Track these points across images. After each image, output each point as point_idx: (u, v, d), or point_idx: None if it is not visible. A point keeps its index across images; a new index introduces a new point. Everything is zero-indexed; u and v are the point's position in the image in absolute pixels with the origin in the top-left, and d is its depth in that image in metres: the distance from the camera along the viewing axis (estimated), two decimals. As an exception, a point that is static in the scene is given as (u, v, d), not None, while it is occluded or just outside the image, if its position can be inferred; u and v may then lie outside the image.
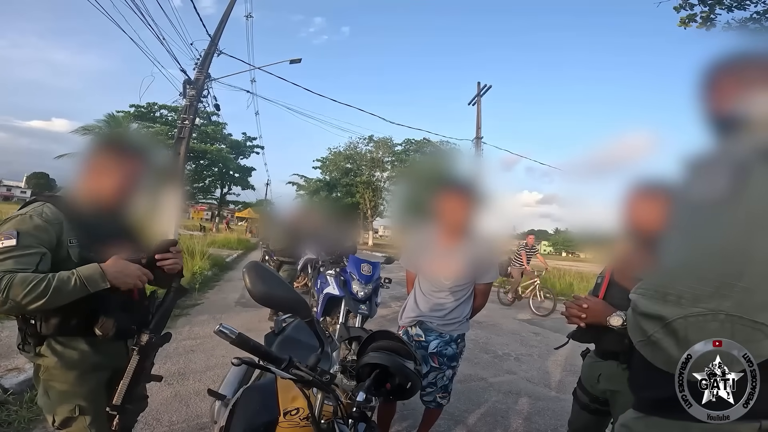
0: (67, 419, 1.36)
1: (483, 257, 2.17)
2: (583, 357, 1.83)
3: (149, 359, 1.40)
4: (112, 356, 1.40)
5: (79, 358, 1.35)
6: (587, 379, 1.75)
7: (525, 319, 7.46)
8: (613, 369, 1.59)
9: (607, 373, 1.62)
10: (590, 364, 1.74)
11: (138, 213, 1.54)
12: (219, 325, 0.96)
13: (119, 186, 1.39)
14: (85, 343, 1.35)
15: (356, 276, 3.77)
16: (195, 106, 10.07)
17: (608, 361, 1.62)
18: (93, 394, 1.37)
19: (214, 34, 10.07)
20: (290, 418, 1.17)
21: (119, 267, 1.28)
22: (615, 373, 1.58)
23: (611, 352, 1.59)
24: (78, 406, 1.35)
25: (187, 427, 2.49)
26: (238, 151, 36.45)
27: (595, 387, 1.69)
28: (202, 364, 3.52)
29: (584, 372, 1.79)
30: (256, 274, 1.05)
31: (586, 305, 1.49)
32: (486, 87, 17.63)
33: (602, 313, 1.44)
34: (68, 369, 1.34)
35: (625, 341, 1.48)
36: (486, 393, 3.54)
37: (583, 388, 1.76)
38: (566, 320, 1.57)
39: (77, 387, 1.36)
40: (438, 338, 2.16)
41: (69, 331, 1.32)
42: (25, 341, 1.33)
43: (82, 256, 1.29)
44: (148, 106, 30.55)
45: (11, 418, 2.36)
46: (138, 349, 1.33)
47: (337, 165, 35.77)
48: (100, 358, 1.38)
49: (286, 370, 1.03)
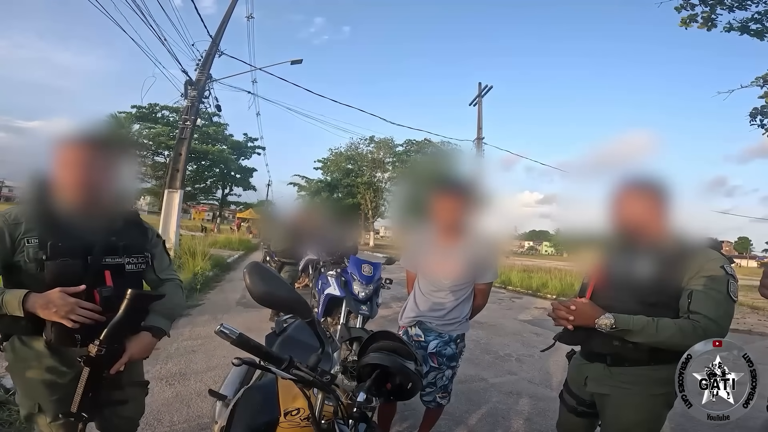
0: (29, 414, 1.40)
1: (483, 257, 2.17)
2: (569, 359, 1.80)
3: (103, 369, 1.32)
4: (71, 361, 1.36)
5: (35, 358, 1.36)
6: (573, 381, 1.73)
7: (526, 319, 7.45)
8: (600, 371, 1.57)
9: (594, 376, 1.60)
10: (577, 366, 1.71)
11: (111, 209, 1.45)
12: (220, 325, 0.97)
13: (79, 181, 1.31)
14: (44, 344, 1.35)
15: (357, 276, 3.78)
16: (196, 106, 10.09)
17: (595, 363, 1.59)
18: (54, 394, 1.37)
19: (216, 35, 10.09)
20: (291, 418, 1.17)
21: (44, 299, 1.24)
22: (602, 375, 1.56)
23: (598, 354, 1.57)
24: (38, 404, 1.37)
25: (188, 428, 2.49)
26: (240, 151, 36.46)
27: (581, 389, 1.66)
28: (204, 364, 3.53)
29: (570, 374, 1.77)
30: (257, 274, 1.06)
31: (573, 307, 1.48)
32: (487, 87, 17.65)
33: (590, 315, 1.43)
34: (26, 367, 1.36)
35: (614, 343, 1.48)
36: (487, 393, 3.54)
37: (570, 391, 1.73)
38: (553, 322, 1.56)
39: (37, 385, 1.37)
40: (437, 338, 2.16)
41: (20, 330, 1.34)
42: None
43: (36, 257, 1.29)
44: (149, 106, 30.58)
45: (12, 418, 2.35)
46: (84, 360, 1.27)
47: (339, 166, 35.77)
48: (57, 361, 1.37)
49: (286, 371, 1.03)
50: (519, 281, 12.73)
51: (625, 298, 1.48)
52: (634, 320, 1.38)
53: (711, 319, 1.33)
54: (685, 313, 1.37)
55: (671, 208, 1.53)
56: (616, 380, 1.52)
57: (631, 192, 1.56)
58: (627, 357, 1.47)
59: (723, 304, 1.36)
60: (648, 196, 1.53)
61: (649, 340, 1.38)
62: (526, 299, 10.28)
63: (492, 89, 17.58)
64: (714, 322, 1.33)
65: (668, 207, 1.53)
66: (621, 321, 1.39)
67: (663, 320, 1.37)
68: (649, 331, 1.36)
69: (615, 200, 1.59)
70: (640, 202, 1.53)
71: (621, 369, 1.51)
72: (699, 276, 1.39)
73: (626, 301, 1.47)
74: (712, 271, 1.38)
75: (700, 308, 1.34)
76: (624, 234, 1.60)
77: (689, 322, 1.35)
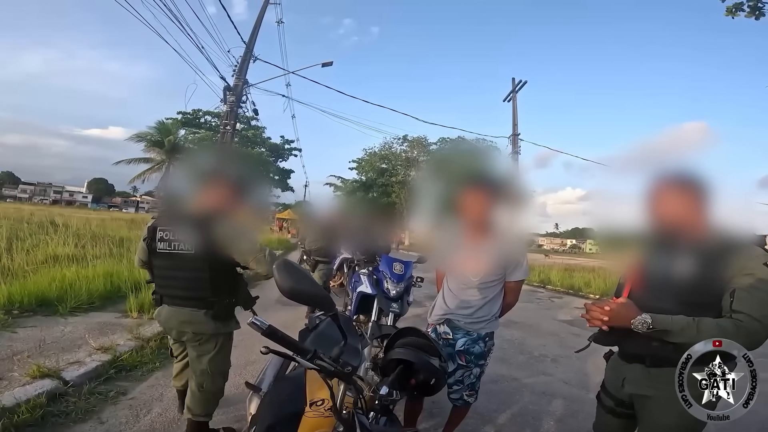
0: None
1: (513, 254, 2.15)
2: (607, 359, 1.77)
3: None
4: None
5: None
6: (611, 382, 1.69)
7: (565, 319, 7.24)
8: (638, 372, 1.53)
9: (632, 377, 1.56)
10: (614, 367, 1.68)
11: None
12: (251, 317, 1.05)
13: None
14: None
15: (388, 275, 3.83)
16: (235, 111, 10.51)
17: (633, 364, 1.55)
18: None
19: (249, 41, 10.46)
20: (316, 408, 1.24)
21: None
22: (641, 376, 1.52)
23: (636, 355, 1.53)
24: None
25: (226, 419, 2.63)
26: (277, 154, 37.41)
27: (619, 391, 1.62)
28: (243, 359, 3.68)
29: (608, 375, 1.73)
30: (285, 270, 1.14)
31: (608, 307, 1.44)
32: (521, 83, 17.22)
33: (626, 316, 1.39)
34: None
35: (653, 344, 1.44)
36: (518, 394, 3.50)
37: (608, 392, 1.69)
38: (587, 323, 1.52)
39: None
40: (465, 336, 2.17)
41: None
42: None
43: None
44: (193, 112, 31.91)
45: (69, 409, 2.57)
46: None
47: (373, 165, 36.01)
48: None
49: (311, 361, 1.10)
50: (559, 280, 12.38)
51: (664, 298, 1.43)
52: (673, 320, 1.34)
53: (755, 318, 1.28)
54: (728, 312, 1.32)
55: (712, 204, 1.47)
56: (655, 382, 1.47)
57: (669, 188, 1.51)
58: (667, 358, 1.41)
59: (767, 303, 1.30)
60: (687, 192, 1.48)
61: (690, 341, 1.32)
62: (566, 299, 9.98)
63: (526, 84, 17.14)
64: (758, 321, 1.28)
65: (708, 203, 1.47)
66: (659, 321, 1.35)
67: (704, 320, 1.32)
68: (689, 332, 1.32)
69: (653, 196, 1.54)
70: (679, 198, 1.48)
71: (661, 370, 1.45)
72: (742, 274, 1.33)
73: (665, 301, 1.42)
74: (755, 268, 1.32)
75: (743, 307, 1.29)
76: (662, 231, 1.55)
77: (732, 321, 1.30)
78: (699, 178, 1.49)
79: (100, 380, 2.99)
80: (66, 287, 4.77)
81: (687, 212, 1.47)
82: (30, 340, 3.45)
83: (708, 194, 1.47)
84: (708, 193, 1.47)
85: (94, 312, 4.58)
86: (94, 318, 4.36)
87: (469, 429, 2.73)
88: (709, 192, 1.47)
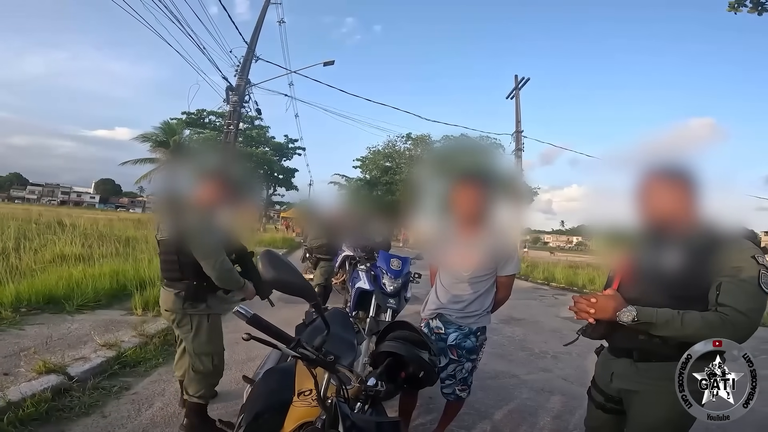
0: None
1: (504, 249, 2.17)
2: (598, 354, 1.75)
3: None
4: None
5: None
6: (600, 377, 1.68)
7: (567, 316, 7.22)
8: (626, 367, 1.52)
9: (620, 371, 1.55)
10: (603, 362, 1.67)
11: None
12: (237, 306, 1.09)
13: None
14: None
15: (386, 270, 3.86)
16: (238, 111, 10.59)
17: (621, 359, 1.54)
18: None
19: (251, 41, 10.52)
20: (303, 398, 1.28)
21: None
22: (628, 371, 1.51)
23: (624, 349, 1.52)
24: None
25: (226, 413, 2.68)
26: (281, 153, 37.52)
27: (608, 386, 1.61)
28: (244, 355, 3.74)
29: (597, 370, 1.72)
30: (268, 261, 1.18)
31: (594, 300, 1.44)
32: (524, 80, 17.16)
33: (612, 308, 1.39)
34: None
35: (640, 337, 1.43)
36: (516, 390, 3.52)
37: (598, 387, 1.68)
38: (575, 315, 1.53)
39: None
40: (457, 331, 2.20)
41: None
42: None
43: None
44: (197, 112, 32.05)
45: (73, 404, 2.63)
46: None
47: (377, 164, 35.97)
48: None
49: (293, 349, 1.13)
50: (564, 278, 12.32)
51: (652, 291, 1.43)
52: (658, 313, 1.33)
53: (740, 311, 1.27)
54: (714, 305, 1.31)
55: (701, 197, 1.47)
56: (643, 376, 1.47)
57: (659, 181, 1.51)
58: (655, 352, 1.42)
59: (754, 297, 1.29)
60: (677, 185, 1.48)
61: (675, 334, 1.33)
62: (570, 296, 9.93)
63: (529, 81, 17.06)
64: (743, 315, 1.27)
65: (698, 196, 1.47)
66: (643, 314, 1.34)
67: (689, 313, 1.31)
68: (674, 324, 1.31)
69: (643, 189, 1.54)
70: (669, 191, 1.48)
71: (648, 365, 1.46)
72: (729, 267, 1.32)
73: (654, 294, 1.42)
74: (743, 261, 1.32)
75: (729, 301, 1.28)
76: (652, 225, 1.55)
77: (717, 315, 1.29)
78: (688, 171, 1.49)
79: (105, 376, 3.05)
80: (73, 285, 4.85)
81: (676, 205, 1.46)
82: (37, 337, 3.53)
83: (697, 187, 1.47)
84: (697, 186, 1.47)
85: (100, 309, 4.66)
86: (100, 315, 4.44)
87: (465, 424, 2.76)
88: (699, 185, 1.47)
